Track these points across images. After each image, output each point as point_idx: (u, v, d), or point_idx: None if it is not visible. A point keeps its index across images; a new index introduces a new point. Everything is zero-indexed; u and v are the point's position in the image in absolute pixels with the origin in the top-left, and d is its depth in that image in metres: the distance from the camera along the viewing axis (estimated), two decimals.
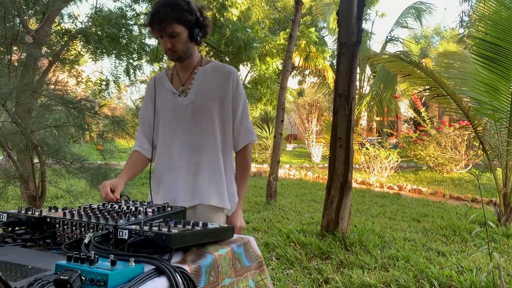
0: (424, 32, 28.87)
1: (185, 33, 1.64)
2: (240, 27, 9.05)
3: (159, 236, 1.04)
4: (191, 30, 1.65)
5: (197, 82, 1.74)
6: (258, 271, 1.33)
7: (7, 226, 1.25)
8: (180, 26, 1.61)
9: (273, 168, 6.50)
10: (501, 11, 4.86)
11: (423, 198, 7.28)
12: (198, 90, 1.73)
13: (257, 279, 1.32)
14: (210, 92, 1.73)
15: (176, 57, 1.68)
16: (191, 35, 1.65)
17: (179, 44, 1.64)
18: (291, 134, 21.16)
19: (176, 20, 1.59)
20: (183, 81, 1.77)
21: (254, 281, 1.30)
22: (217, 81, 1.74)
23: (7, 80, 3.03)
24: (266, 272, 1.37)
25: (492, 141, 5.21)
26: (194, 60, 1.76)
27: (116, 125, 3.64)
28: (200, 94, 1.73)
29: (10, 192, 3.97)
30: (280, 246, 4.00)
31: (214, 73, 1.76)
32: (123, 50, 7.00)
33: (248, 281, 1.26)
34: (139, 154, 1.82)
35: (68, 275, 0.78)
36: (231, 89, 1.74)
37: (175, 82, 1.78)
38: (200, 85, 1.74)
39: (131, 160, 1.80)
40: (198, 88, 1.73)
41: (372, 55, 7.96)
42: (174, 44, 1.64)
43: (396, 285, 3.12)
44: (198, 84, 1.74)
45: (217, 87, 1.74)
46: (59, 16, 6.25)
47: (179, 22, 1.60)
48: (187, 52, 1.70)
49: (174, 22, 1.59)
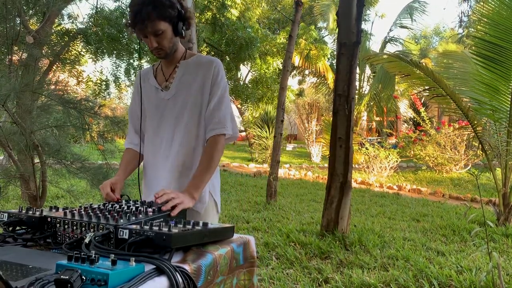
0: (424, 32, 28.87)
1: (170, 29, 1.60)
2: (240, 27, 9.06)
3: (159, 236, 1.04)
4: (175, 24, 1.60)
5: (178, 76, 1.71)
6: (245, 270, 1.31)
7: (8, 225, 1.25)
8: (164, 23, 1.57)
9: (273, 168, 6.51)
10: (501, 10, 4.86)
11: (422, 198, 7.29)
12: (178, 84, 1.70)
13: (240, 277, 1.29)
14: (190, 85, 1.68)
15: (164, 54, 1.65)
16: (175, 29, 1.62)
17: (165, 41, 1.61)
18: (291, 134, 21.15)
19: (159, 17, 1.54)
20: (166, 76, 1.74)
21: (237, 279, 1.27)
22: (198, 74, 1.69)
23: (8, 80, 3.03)
24: (253, 274, 1.33)
25: (492, 141, 5.22)
26: (178, 54, 1.72)
27: (116, 125, 3.64)
28: (180, 88, 1.69)
29: (11, 192, 3.98)
30: (280, 245, 4.00)
31: (196, 65, 1.71)
32: (123, 50, 7.00)
33: (233, 278, 1.26)
34: (131, 151, 1.81)
35: (69, 274, 0.79)
36: (211, 80, 1.67)
37: (159, 77, 1.76)
38: (181, 79, 1.70)
39: (125, 159, 1.80)
40: (179, 82, 1.70)
41: (371, 55, 7.96)
42: (160, 42, 1.60)
43: (396, 284, 3.13)
44: (180, 78, 1.70)
45: (197, 79, 1.68)
46: (59, 16, 6.25)
47: (162, 19, 1.56)
48: (173, 48, 1.66)
49: (158, 20, 1.54)
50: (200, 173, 1.60)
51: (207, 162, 1.62)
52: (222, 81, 1.70)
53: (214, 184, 1.74)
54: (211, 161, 1.62)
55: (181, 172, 1.67)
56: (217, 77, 1.68)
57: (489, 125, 5.42)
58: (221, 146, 1.67)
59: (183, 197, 1.44)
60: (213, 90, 1.68)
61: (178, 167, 1.67)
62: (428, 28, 30.22)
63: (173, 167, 1.68)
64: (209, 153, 1.64)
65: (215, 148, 1.64)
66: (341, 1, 4.55)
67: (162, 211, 1.33)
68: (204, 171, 1.60)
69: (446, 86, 5.07)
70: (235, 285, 1.26)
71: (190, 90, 1.68)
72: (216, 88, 1.68)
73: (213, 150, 1.64)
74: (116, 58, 7.34)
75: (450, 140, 10.35)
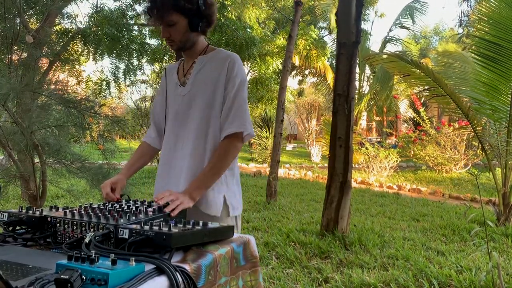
0: (423, 32, 28.87)
1: (184, 22, 1.57)
2: (240, 27, 9.06)
3: (159, 236, 1.04)
4: (191, 19, 1.57)
5: (194, 72, 1.67)
6: (249, 271, 1.31)
7: (8, 225, 1.25)
8: (177, 15, 1.54)
9: (273, 168, 6.51)
10: (501, 10, 4.86)
11: (422, 198, 7.29)
12: (194, 80, 1.66)
13: (246, 279, 1.29)
14: (203, 82, 1.64)
15: (175, 47, 1.63)
16: (191, 24, 1.58)
17: (176, 33, 1.58)
18: (291, 134, 21.15)
19: (173, 8, 1.52)
20: (185, 72, 1.72)
21: (243, 281, 1.27)
22: (213, 69, 1.64)
23: (8, 80, 3.03)
24: (259, 274, 1.33)
25: (492, 141, 5.22)
26: (197, 49, 1.68)
27: (116, 125, 3.65)
28: (195, 85, 1.65)
29: (11, 191, 3.98)
30: (280, 245, 4.00)
31: (212, 60, 1.66)
32: (124, 50, 7.01)
33: (239, 280, 1.26)
34: (145, 145, 1.81)
35: (69, 274, 0.79)
36: (225, 75, 1.60)
37: (180, 73, 1.74)
38: (196, 75, 1.66)
39: (138, 152, 1.80)
40: (195, 77, 1.66)
41: (371, 55, 7.97)
42: (172, 34, 1.58)
43: (396, 284, 3.13)
44: (196, 74, 1.67)
45: (212, 75, 1.63)
46: (59, 16, 6.25)
47: (176, 11, 1.53)
48: (187, 42, 1.63)
49: (171, 11, 1.53)
50: (205, 174, 1.55)
51: (216, 164, 1.57)
52: (238, 77, 1.62)
53: (229, 187, 1.66)
54: (221, 163, 1.57)
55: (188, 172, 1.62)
56: (232, 73, 1.61)
57: (489, 125, 5.42)
58: (234, 149, 1.60)
59: (183, 197, 1.43)
60: (228, 88, 1.61)
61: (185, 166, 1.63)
62: (428, 28, 30.23)
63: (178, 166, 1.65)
64: (220, 155, 1.58)
65: (227, 151, 1.58)
66: (340, 1, 4.55)
67: (162, 211, 1.33)
68: (210, 172, 1.55)
69: (446, 86, 5.07)
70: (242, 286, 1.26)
71: (204, 87, 1.63)
72: (231, 86, 1.61)
73: (226, 152, 1.58)
74: (117, 58, 7.34)
75: (450, 140, 10.36)
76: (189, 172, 1.61)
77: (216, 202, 1.61)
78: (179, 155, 1.65)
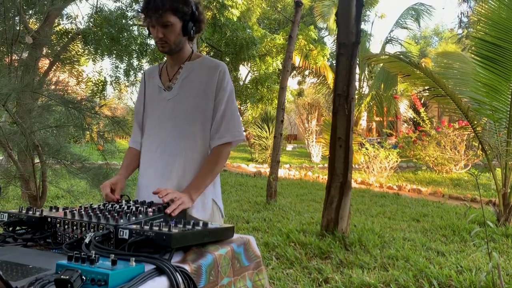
0: (423, 32, 28.89)
1: (179, 24, 1.59)
2: (240, 27, 9.07)
3: (159, 236, 1.05)
4: (185, 23, 1.60)
5: (182, 77, 1.68)
6: (256, 271, 1.32)
7: (8, 225, 1.26)
8: (174, 17, 1.57)
9: (273, 168, 6.51)
10: (501, 11, 4.86)
11: (422, 198, 7.29)
12: (181, 85, 1.67)
13: (254, 279, 1.30)
14: (192, 88, 1.66)
15: (167, 49, 1.63)
16: (185, 28, 1.61)
17: (171, 35, 1.60)
18: (291, 134, 21.15)
19: (171, 9, 1.55)
20: (170, 76, 1.72)
21: (252, 281, 1.29)
22: (202, 76, 1.67)
23: (8, 80, 3.03)
24: (264, 272, 1.35)
25: (492, 141, 5.22)
26: (184, 54, 1.70)
27: (116, 125, 3.64)
28: (182, 90, 1.67)
29: (11, 192, 3.98)
30: (280, 245, 4.00)
31: (200, 67, 1.68)
32: (123, 51, 7.00)
33: (246, 281, 1.26)
34: (133, 150, 1.81)
35: (69, 274, 0.79)
36: (216, 85, 1.65)
37: (164, 77, 1.74)
38: (184, 81, 1.68)
39: (127, 158, 1.79)
40: (182, 83, 1.68)
41: (371, 55, 7.97)
42: (166, 35, 1.59)
43: (396, 284, 3.13)
44: (183, 79, 1.68)
45: (200, 82, 1.66)
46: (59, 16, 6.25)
47: (173, 13, 1.56)
48: (179, 45, 1.65)
49: (169, 12, 1.55)
50: (202, 176, 1.60)
51: (211, 167, 1.62)
52: (228, 86, 1.68)
53: (216, 190, 1.71)
54: (215, 167, 1.63)
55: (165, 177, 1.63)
56: (223, 83, 1.66)
57: (489, 125, 5.42)
58: (227, 154, 1.68)
59: (184, 197, 1.45)
60: (219, 96, 1.66)
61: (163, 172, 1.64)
62: (427, 28, 30.24)
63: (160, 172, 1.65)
64: (214, 159, 1.64)
65: (221, 156, 1.65)
66: (340, 1, 4.56)
67: (162, 211, 1.33)
68: (207, 175, 1.61)
69: (445, 86, 5.07)
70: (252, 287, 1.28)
71: (192, 93, 1.66)
72: (222, 95, 1.66)
73: (219, 157, 1.65)
74: (116, 58, 7.34)
75: (450, 140, 10.35)
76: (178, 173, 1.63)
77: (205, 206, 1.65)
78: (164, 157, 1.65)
